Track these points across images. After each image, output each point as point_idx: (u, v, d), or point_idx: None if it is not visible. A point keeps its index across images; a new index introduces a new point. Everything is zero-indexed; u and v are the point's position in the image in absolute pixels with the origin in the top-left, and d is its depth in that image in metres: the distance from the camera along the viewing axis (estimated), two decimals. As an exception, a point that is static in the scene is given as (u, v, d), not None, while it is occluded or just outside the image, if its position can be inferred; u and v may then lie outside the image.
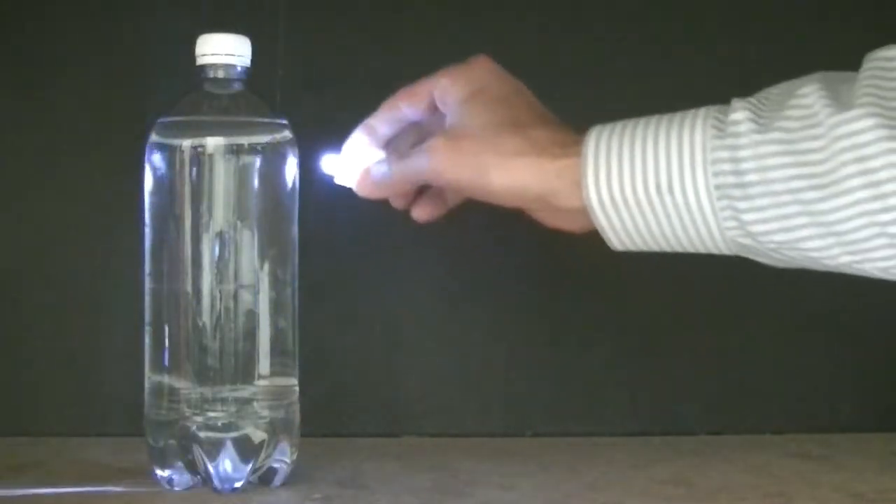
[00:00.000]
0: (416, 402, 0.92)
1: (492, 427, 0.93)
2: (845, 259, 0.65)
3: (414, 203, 0.77)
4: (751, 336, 0.95)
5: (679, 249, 0.70)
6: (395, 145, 0.77)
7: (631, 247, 0.71)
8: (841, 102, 0.64)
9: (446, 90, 0.74)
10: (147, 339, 0.73)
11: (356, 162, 0.76)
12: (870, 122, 0.63)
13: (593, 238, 0.71)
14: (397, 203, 0.77)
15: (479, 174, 0.71)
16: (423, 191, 0.77)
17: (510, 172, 0.70)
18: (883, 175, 0.63)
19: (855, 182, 0.63)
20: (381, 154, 0.76)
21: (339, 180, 0.76)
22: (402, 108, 0.76)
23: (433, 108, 0.75)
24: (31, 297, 0.89)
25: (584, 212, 0.70)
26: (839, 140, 0.63)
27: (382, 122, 0.76)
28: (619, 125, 0.70)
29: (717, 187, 0.66)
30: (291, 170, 0.74)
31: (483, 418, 0.93)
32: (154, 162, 0.72)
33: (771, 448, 0.88)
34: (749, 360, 0.95)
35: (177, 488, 0.71)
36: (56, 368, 0.89)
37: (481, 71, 0.74)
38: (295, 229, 0.74)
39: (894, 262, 0.65)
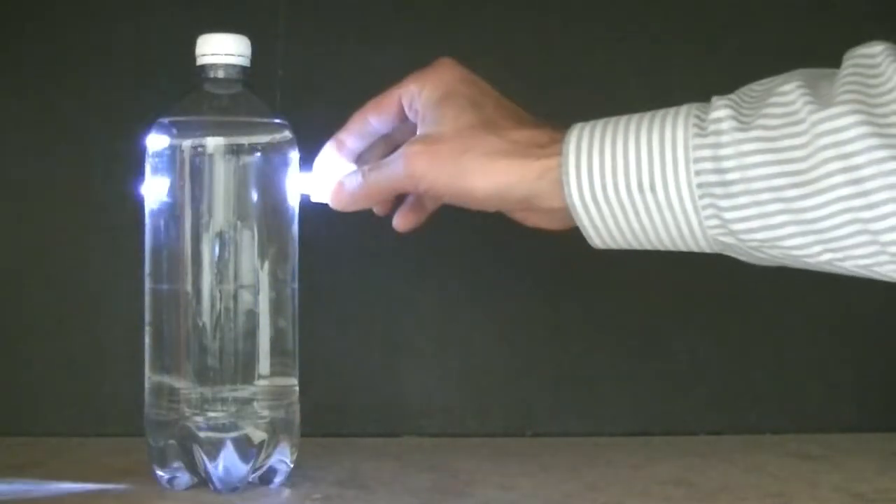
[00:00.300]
0: (416, 402, 0.92)
1: (492, 427, 0.93)
2: (826, 256, 0.66)
3: (395, 211, 0.77)
4: (750, 336, 0.95)
5: (660, 247, 0.70)
6: (365, 160, 0.76)
7: (612, 245, 0.70)
8: (822, 100, 0.64)
9: (415, 96, 0.73)
10: (147, 339, 0.73)
11: (329, 177, 0.75)
12: (852, 119, 0.63)
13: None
14: (378, 211, 0.77)
15: (459, 178, 0.70)
16: (401, 198, 0.77)
17: (493, 175, 0.70)
18: (866, 172, 0.63)
19: (837, 179, 0.63)
20: (353, 168, 0.76)
21: (314, 198, 0.76)
22: (370, 120, 0.75)
23: (402, 117, 0.75)
24: (31, 297, 0.89)
25: (565, 211, 0.70)
26: (821, 137, 0.63)
27: (352, 135, 0.76)
28: (599, 123, 0.70)
29: (699, 186, 0.66)
30: (291, 170, 0.74)
31: (483, 418, 0.93)
32: (154, 162, 0.72)
33: (771, 448, 0.88)
34: (749, 360, 0.95)
35: (177, 488, 0.71)
36: (56, 368, 0.89)
37: (449, 74, 0.74)
38: (295, 229, 0.74)
39: (875, 260, 0.65)
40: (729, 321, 0.94)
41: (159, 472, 0.72)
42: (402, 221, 0.77)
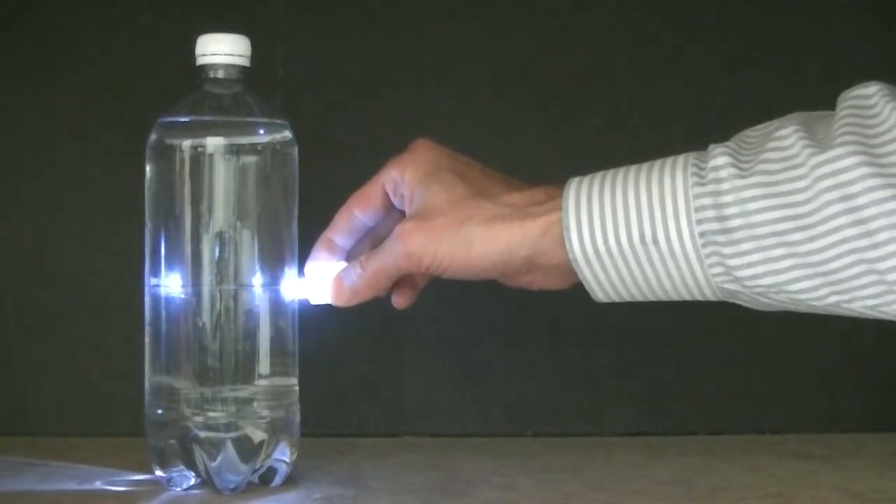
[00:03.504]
0: (416, 402, 0.92)
1: (492, 427, 0.93)
2: (833, 299, 0.66)
3: (392, 291, 0.76)
4: (751, 336, 0.95)
5: (664, 298, 0.70)
6: (354, 256, 0.75)
7: (615, 298, 0.71)
8: (820, 143, 0.65)
9: (398, 181, 0.73)
10: (147, 339, 0.73)
11: (324, 278, 0.75)
12: (852, 160, 0.63)
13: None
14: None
15: (461, 249, 0.70)
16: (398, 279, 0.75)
17: (495, 240, 0.70)
18: (868, 212, 0.63)
19: (841, 221, 0.64)
20: (345, 265, 0.75)
21: (314, 301, 0.75)
22: (356, 214, 0.75)
23: (387, 207, 0.75)
24: (31, 298, 0.89)
25: (568, 267, 0.70)
26: (822, 180, 0.64)
27: (339, 233, 0.75)
28: (597, 176, 0.70)
29: (702, 234, 0.66)
30: (291, 169, 0.74)
31: (483, 418, 0.93)
32: (154, 162, 0.72)
33: (771, 448, 0.88)
34: (749, 361, 0.95)
35: (177, 488, 0.71)
36: (56, 368, 0.89)
37: (428, 153, 0.73)
38: (295, 229, 0.74)
39: (882, 300, 0.65)
40: (729, 321, 0.94)
41: (159, 472, 0.72)
42: (401, 300, 0.76)
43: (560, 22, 0.94)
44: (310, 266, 0.75)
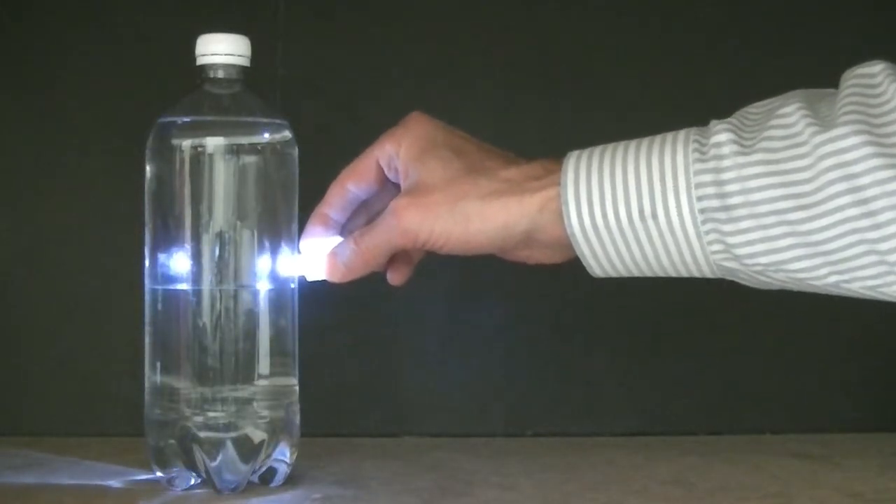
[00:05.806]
0: (416, 402, 0.92)
1: (492, 427, 0.93)
2: (833, 279, 0.66)
3: (388, 267, 0.75)
4: (751, 336, 0.95)
5: (661, 274, 0.70)
6: (349, 230, 0.75)
7: (612, 273, 0.70)
8: (824, 121, 0.64)
9: (393, 155, 0.72)
10: (147, 339, 0.73)
11: (319, 253, 0.74)
12: (856, 139, 0.63)
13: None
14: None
15: (458, 224, 0.70)
16: (393, 255, 0.75)
17: (492, 216, 0.69)
18: (871, 192, 0.63)
19: (843, 200, 0.63)
20: (340, 240, 0.74)
21: (310, 278, 0.74)
22: (349, 188, 0.74)
23: (380, 180, 0.74)
24: (31, 297, 0.89)
25: (567, 242, 0.69)
26: (825, 159, 0.64)
27: (333, 207, 0.74)
28: (596, 150, 0.70)
29: (702, 211, 0.66)
30: (291, 169, 0.74)
31: (483, 418, 0.93)
32: (154, 162, 0.72)
33: (771, 448, 0.88)
34: (749, 360, 0.95)
35: (177, 488, 0.71)
36: (56, 368, 0.89)
37: (422, 127, 0.73)
38: (295, 229, 0.74)
39: (883, 280, 0.65)
40: (729, 321, 0.94)
41: (159, 472, 0.72)
42: (396, 276, 0.76)
43: (560, 21, 0.94)
44: (304, 242, 0.74)
